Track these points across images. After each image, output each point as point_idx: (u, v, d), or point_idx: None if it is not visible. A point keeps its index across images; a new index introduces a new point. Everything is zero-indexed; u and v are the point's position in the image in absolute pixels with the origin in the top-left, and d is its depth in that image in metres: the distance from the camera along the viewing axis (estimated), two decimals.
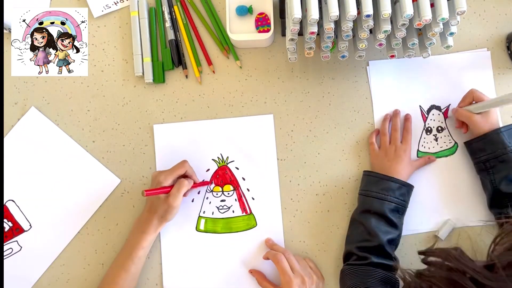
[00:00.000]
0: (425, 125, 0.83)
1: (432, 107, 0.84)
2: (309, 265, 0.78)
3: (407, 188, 0.77)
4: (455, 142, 0.82)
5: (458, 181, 0.81)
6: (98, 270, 0.81)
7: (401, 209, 0.75)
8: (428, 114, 0.83)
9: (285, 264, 0.74)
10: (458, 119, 0.81)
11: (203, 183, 0.81)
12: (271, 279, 0.78)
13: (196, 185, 0.79)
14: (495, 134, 0.74)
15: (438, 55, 0.84)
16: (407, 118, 0.82)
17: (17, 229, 0.81)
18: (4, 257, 0.80)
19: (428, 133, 0.83)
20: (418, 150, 0.82)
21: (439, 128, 0.83)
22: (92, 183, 0.82)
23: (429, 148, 0.82)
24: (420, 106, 0.83)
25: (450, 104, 0.83)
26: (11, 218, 0.81)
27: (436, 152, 0.82)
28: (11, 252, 0.80)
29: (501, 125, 0.76)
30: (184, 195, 0.76)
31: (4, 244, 0.80)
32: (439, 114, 0.83)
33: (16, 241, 0.81)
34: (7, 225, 0.81)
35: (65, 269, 0.81)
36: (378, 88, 0.84)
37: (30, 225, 0.81)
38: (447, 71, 0.84)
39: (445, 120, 0.83)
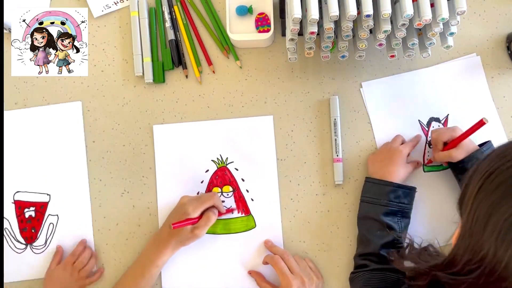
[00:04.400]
0: (427, 138, 0.82)
1: (431, 119, 0.83)
2: (308, 265, 0.78)
3: (404, 190, 0.75)
4: None
5: None
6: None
7: (398, 212, 0.74)
8: (428, 127, 0.83)
9: (283, 266, 0.74)
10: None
11: (228, 211, 0.81)
12: (270, 280, 0.78)
13: (220, 214, 0.79)
14: (479, 154, 0.73)
15: (428, 67, 0.84)
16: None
17: (42, 206, 0.82)
18: (55, 231, 0.81)
19: (431, 146, 0.81)
20: (423, 165, 0.81)
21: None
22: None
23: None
24: (419, 120, 0.83)
25: (448, 114, 0.83)
26: (29, 204, 0.82)
27: (444, 165, 0.81)
28: (56, 224, 0.81)
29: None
30: None
31: (43, 222, 0.81)
32: (439, 126, 0.82)
33: (49, 214, 0.81)
34: (32, 212, 0.81)
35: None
36: (375, 108, 0.83)
37: (48, 196, 0.82)
38: (440, 81, 0.84)
39: None
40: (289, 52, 0.76)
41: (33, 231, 0.81)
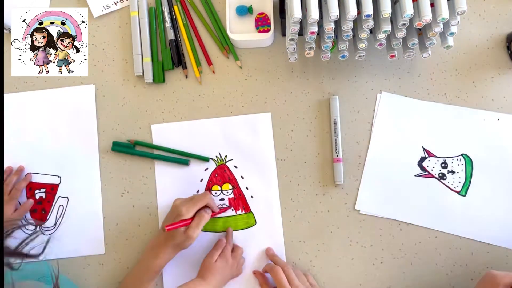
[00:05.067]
0: (436, 178, 0.80)
1: (419, 163, 0.81)
2: (309, 281, 0.77)
3: None
4: (461, 155, 0.81)
5: None
6: (99, 271, 0.81)
7: None
8: (426, 170, 0.81)
9: (282, 277, 0.73)
10: None
11: (222, 210, 0.80)
12: (272, 283, 0.78)
13: (214, 214, 0.78)
14: None
15: (452, 105, 0.83)
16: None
17: (52, 188, 0.82)
18: (65, 213, 0.81)
19: (444, 177, 0.80)
20: (459, 193, 0.80)
21: (442, 165, 0.81)
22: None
23: (459, 182, 0.80)
24: (423, 147, 0.82)
25: (422, 146, 0.82)
26: (40, 186, 0.82)
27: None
28: (66, 206, 0.82)
29: None
30: None
31: (54, 204, 0.82)
32: (429, 160, 0.81)
33: (59, 196, 0.82)
34: (43, 194, 0.82)
35: (65, 269, 0.81)
36: (383, 120, 0.83)
37: (59, 178, 0.82)
38: (457, 123, 0.82)
39: (436, 157, 0.81)
40: (289, 52, 0.76)
41: (43, 212, 0.82)
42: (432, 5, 0.67)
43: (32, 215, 0.82)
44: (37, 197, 0.82)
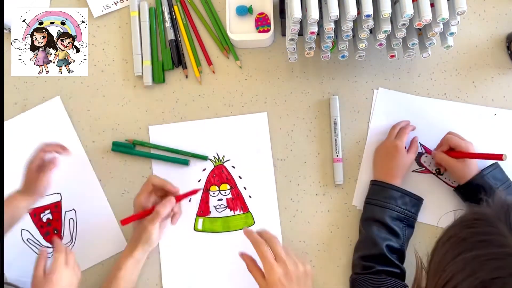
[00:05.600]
0: (433, 173, 0.81)
1: (417, 159, 0.81)
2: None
3: (411, 199, 0.75)
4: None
5: None
6: (98, 271, 0.80)
7: (404, 219, 0.74)
8: (423, 165, 0.81)
9: (265, 250, 0.66)
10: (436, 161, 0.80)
11: (191, 192, 0.78)
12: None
13: (181, 196, 0.76)
14: (480, 178, 0.74)
15: (448, 101, 0.83)
16: (406, 123, 0.81)
17: (56, 206, 0.82)
18: (77, 224, 0.81)
19: (442, 173, 0.81)
20: (455, 190, 0.79)
21: (437, 170, 0.82)
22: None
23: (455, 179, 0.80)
24: (420, 142, 0.82)
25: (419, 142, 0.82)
26: (43, 208, 0.81)
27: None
28: (75, 218, 0.81)
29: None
30: (174, 216, 0.76)
31: (63, 220, 0.81)
32: (426, 156, 0.81)
33: (66, 211, 0.81)
34: (49, 215, 0.81)
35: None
36: (380, 115, 0.83)
37: (59, 194, 0.82)
38: (453, 119, 0.83)
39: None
40: (289, 52, 0.76)
41: (55, 232, 0.81)
42: (432, 5, 0.67)
43: (47, 239, 0.80)
44: (44, 220, 0.81)
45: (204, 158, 0.82)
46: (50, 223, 0.81)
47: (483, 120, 0.83)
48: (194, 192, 0.78)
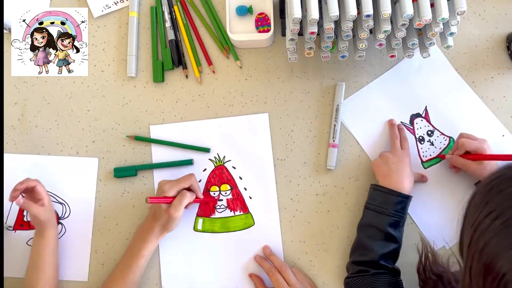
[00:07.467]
0: (415, 136, 0.82)
1: (413, 116, 0.83)
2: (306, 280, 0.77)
3: (407, 201, 0.75)
4: (450, 137, 0.82)
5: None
6: (98, 270, 0.81)
7: (401, 222, 0.74)
8: (412, 125, 0.83)
9: (279, 277, 0.74)
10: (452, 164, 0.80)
11: (208, 199, 0.81)
12: (269, 285, 0.78)
13: (199, 200, 0.78)
14: None
15: (388, 70, 0.84)
16: (400, 127, 0.82)
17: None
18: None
19: (422, 142, 0.82)
20: (422, 162, 0.82)
21: (429, 132, 0.83)
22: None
23: (430, 154, 0.82)
24: (401, 122, 0.83)
25: (426, 106, 0.83)
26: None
27: (437, 156, 0.82)
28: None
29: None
30: (186, 207, 0.75)
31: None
32: (421, 120, 0.83)
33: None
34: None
35: (65, 269, 0.81)
36: (355, 124, 0.83)
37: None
38: (406, 78, 0.84)
39: (429, 123, 0.83)
40: (289, 52, 0.76)
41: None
42: (432, 5, 0.67)
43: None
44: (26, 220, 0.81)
45: (206, 150, 0.82)
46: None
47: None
48: (212, 199, 0.81)
